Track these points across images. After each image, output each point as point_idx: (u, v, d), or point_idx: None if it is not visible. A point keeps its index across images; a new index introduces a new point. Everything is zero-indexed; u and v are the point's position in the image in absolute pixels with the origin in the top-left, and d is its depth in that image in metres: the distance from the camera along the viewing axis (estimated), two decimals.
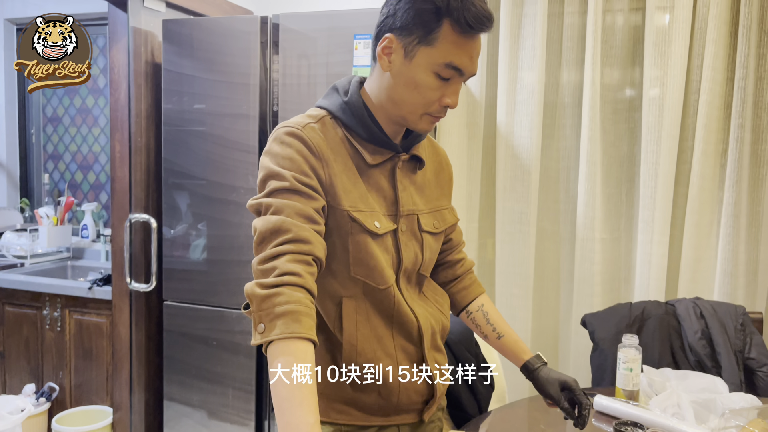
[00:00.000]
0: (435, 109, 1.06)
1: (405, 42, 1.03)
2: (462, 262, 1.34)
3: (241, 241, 2.27)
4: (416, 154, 1.17)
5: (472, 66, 1.05)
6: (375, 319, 1.11)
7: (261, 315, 0.92)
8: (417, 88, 1.04)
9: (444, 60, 1.02)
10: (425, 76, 1.03)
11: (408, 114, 1.07)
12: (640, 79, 2.33)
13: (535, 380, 1.25)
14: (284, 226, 0.97)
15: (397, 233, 1.12)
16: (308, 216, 1.00)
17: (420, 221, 1.16)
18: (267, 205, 1.00)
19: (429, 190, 1.21)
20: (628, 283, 2.42)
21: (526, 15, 2.39)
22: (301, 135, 1.04)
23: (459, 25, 1.00)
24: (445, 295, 1.27)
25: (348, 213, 1.06)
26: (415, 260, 1.16)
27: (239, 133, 2.25)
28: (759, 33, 2.15)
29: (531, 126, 2.39)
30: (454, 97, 1.06)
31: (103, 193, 3.42)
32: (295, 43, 2.18)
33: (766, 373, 1.83)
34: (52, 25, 1.25)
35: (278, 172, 1.02)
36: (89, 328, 2.72)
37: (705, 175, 2.24)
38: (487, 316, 1.31)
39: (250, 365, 2.29)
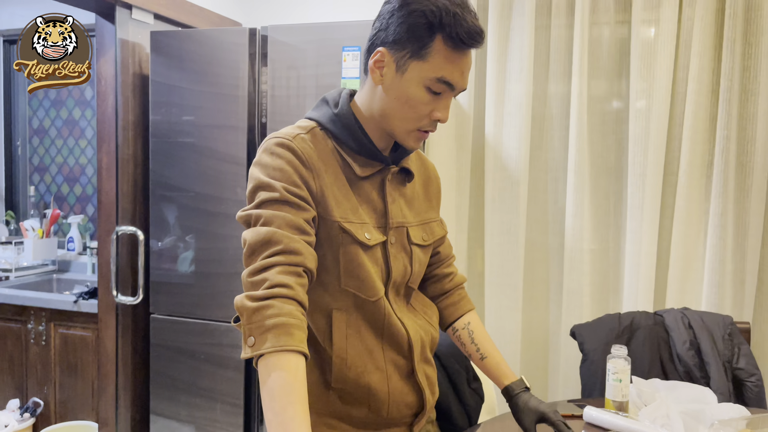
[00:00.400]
0: (425, 123, 1.07)
1: (397, 56, 1.03)
2: (451, 276, 1.34)
3: (230, 253, 2.25)
4: (405, 166, 1.17)
5: (463, 81, 1.06)
6: (365, 332, 1.10)
7: (251, 328, 0.91)
8: (408, 102, 1.04)
9: (436, 74, 1.02)
10: (417, 90, 1.03)
11: (398, 128, 1.08)
12: (626, 91, 2.35)
13: (514, 407, 1.23)
14: (275, 237, 0.97)
15: (386, 245, 1.12)
16: (299, 227, 0.99)
17: (409, 233, 1.16)
18: (257, 216, 1.00)
19: (418, 203, 1.21)
20: (616, 294, 2.42)
21: (513, 28, 2.41)
22: (291, 146, 1.04)
23: (451, 40, 1.00)
24: (434, 307, 1.27)
25: (339, 224, 1.05)
26: (405, 273, 1.15)
27: (228, 144, 2.24)
28: (743, 45, 2.18)
29: (519, 137, 2.40)
30: (444, 111, 1.06)
31: (90, 205, 3.39)
32: (283, 54, 2.18)
33: (754, 383, 1.83)
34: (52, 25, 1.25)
35: (268, 183, 1.01)
36: (75, 342, 2.68)
37: (692, 186, 2.26)
38: (472, 335, 1.30)
39: (239, 379, 2.27)
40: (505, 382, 1.24)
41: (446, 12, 0.99)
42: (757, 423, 1.42)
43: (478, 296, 2.57)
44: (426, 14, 1.00)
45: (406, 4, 1.02)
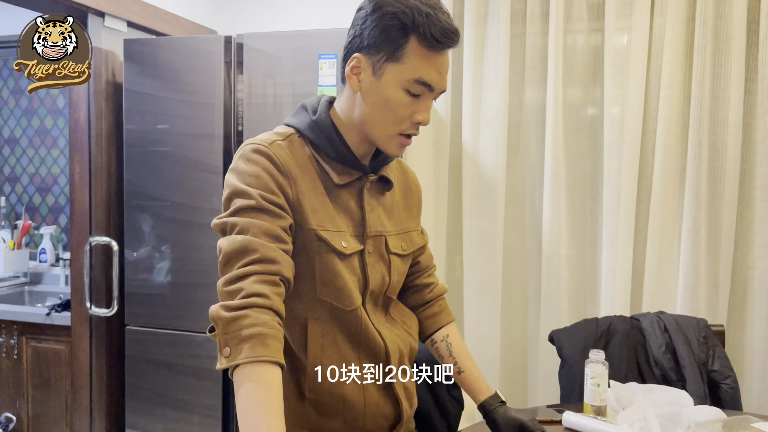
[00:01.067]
0: (406, 127, 1.06)
1: (373, 60, 1.03)
2: (431, 287, 1.32)
3: (206, 263, 2.23)
4: (385, 175, 1.16)
5: (442, 81, 1.05)
6: (341, 342, 1.09)
7: (227, 338, 0.90)
8: (387, 105, 1.03)
9: (413, 75, 1.02)
10: (395, 92, 1.03)
11: (379, 134, 1.06)
12: (601, 97, 2.38)
13: (491, 422, 1.22)
14: (251, 246, 0.95)
15: (363, 254, 1.10)
16: (275, 235, 0.98)
17: (388, 243, 1.15)
18: (232, 224, 0.98)
19: (397, 212, 1.19)
20: (594, 298, 2.44)
21: (489, 35, 2.43)
22: (268, 152, 1.03)
23: (426, 39, 1.00)
24: (413, 317, 1.26)
25: (315, 232, 1.04)
26: (382, 282, 1.14)
27: (203, 153, 2.22)
28: (714, 53, 2.22)
29: (496, 144, 2.42)
30: (425, 113, 1.06)
31: (63, 216, 3.33)
32: (259, 62, 2.17)
33: (729, 385, 1.85)
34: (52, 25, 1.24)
35: (244, 190, 1.00)
36: (47, 355, 2.62)
37: (665, 191, 2.29)
38: (450, 348, 1.28)
39: (216, 391, 2.24)
40: (481, 397, 1.23)
41: (419, 12, 0.99)
42: (732, 425, 1.43)
43: (457, 302, 2.57)
44: (398, 16, 1.00)
45: (378, 8, 1.02)
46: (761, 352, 2.22)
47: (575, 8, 2.37)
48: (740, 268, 2.28)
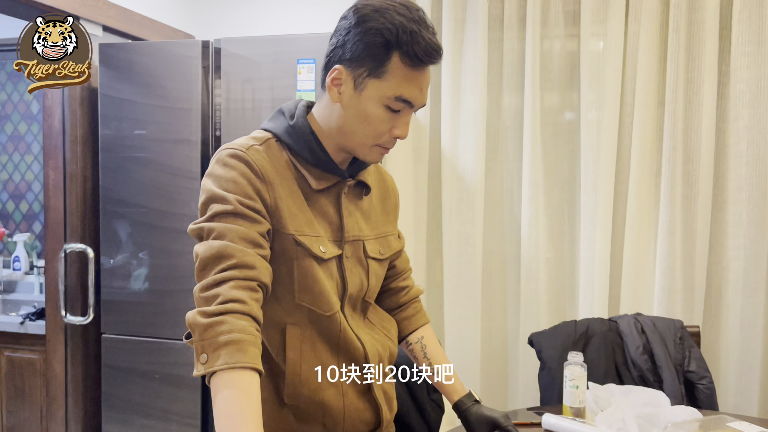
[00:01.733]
0: (385, 140, 1.06)
1: (354, 74, 1.02)
2: (407, 290, 1.32)
3: (184, 270, 2.20)
4: (362, 179, 1.16)
5: (422, 98, 1.05)
6: (320, 347, 1.08)
7: (203, 345, 0.89)
8: (367, 120, 1.03)
9: (394, 93, 1.01)
10: (375, 108, 1.02)
11: (358, 145, 1.07)
12: (577, 102, 2.41)
13: (465, 421, 1.22)
14: (227, 251, 0.94)
15: (341, 259, 1.10)
16: (253, 240, 0.97)
17: (366, 247, 1.14)
18: (209, 229, 0.97)
19: (375, 216, 1.19)
20: (572, 301, 2.47)
21: (467, 41, 2.45)
22: (245, 157, 1.02)
23: (409, 58, 0.99)
24: (393, 321, 1.26)
25: (293, 237, 1.04)
26: (361, 287, 1.14)
27: (181, 159, 2.20)
28: (687, 59, 2.26)
29: (475, 149, 2.43)
30: (404, 128, 1.06)
31: (37, 223, 3.27)
32: (237, 67, 2.15)
33: (705, 386, 1.88)
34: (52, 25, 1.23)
35: (221, 195, 0.99)
36: (21, 365, 2.57)
37: (641, 195, 2.32)
38: (424, 350, 1.28)
39: (195, 398, 2.21)
40: (455, 397, 1.24)
41: (403, 30, 0.98)
42: (708, 425, 1.45)
43: (437, 306, 2.58)
44: (383, 32, 0.99)
45: (362, 22, 1.00)
46: (736, 352, 2.26)
47: (552, 14, 2.40)
48: (715, 270, 2.32)
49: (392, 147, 1.09)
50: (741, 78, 2.22)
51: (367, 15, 1.01)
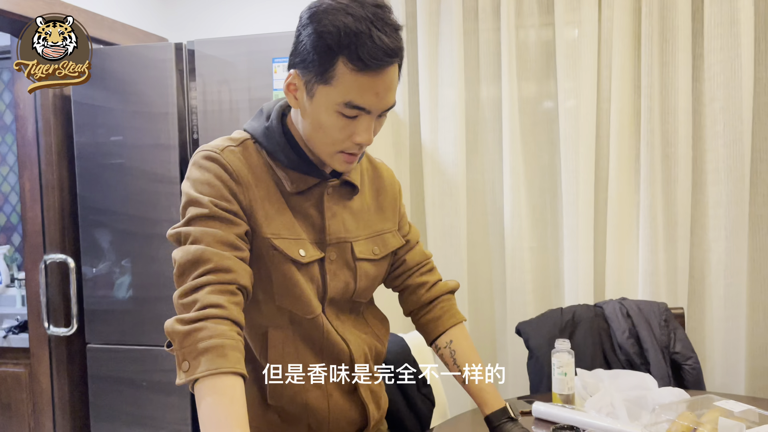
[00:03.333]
0: (347, 146, 1.00)
1: (306, 79, 0.97)
2: (427, 285, 1.25)
3: (168, 276, 2.18)
4: (348, 179, 1.11)
5: (380, 102, 0.96)
6: (303, 349, 1.07)
7: (184, 352, 0.88)
8: (322, 128, 0.98)
9: (342, 99, 0.94)
10: (327, 116, 0.97)
11: (320, 152, 1.02)
12: (555, 91, 2.41)
13: None
14: (204, 255, 0.93)
15: (324, 262, 1.07)
16: (230, 243, 0.96)
17: (354, 249, 1.11)
18: (186, 234, 0.96)
19: (367, 215, 1.15)
20: (558, 289, 2.48)
21: (442, 33, 2.44)
22: (218, 158, 1.01)
23: (353, 62, 0.91)
24: (385, 320, 1.23)
25: (269, 241, 1.02)
26: (345, 289, 1.11)
27: (159, 164, 2.17)
28: (660, 43, 2.27)
29: (455, 141, 2.43)
30: (364, 134, 0.98)
31: (16, 234, 3.23)
32: (212, 69, 2.13)
33: (691, 366, 1.90)
34: (52, 25, 1.22)
35: (196, 199, 0.98)
36: (6, 379, 2.53)
37: (621, 180, 2.33)
38: (453, 356, 1.19)
39: (184, 405, 2.19)
40: (487, 411, 1.14)
41: (346, 33, 0.90)
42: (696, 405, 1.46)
43: None
44: (324, 36, 0.92)
45: (310, 23, 0.94)
46: (721, 332, 2.28)
47: (525, 3, 2.40)
48: (697, 252, 2.34)
49: (359, 153, 1.02)
50: (715, 60, 2.24)
51: (315, 16, 0.94)
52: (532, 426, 1.50)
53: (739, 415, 1.30)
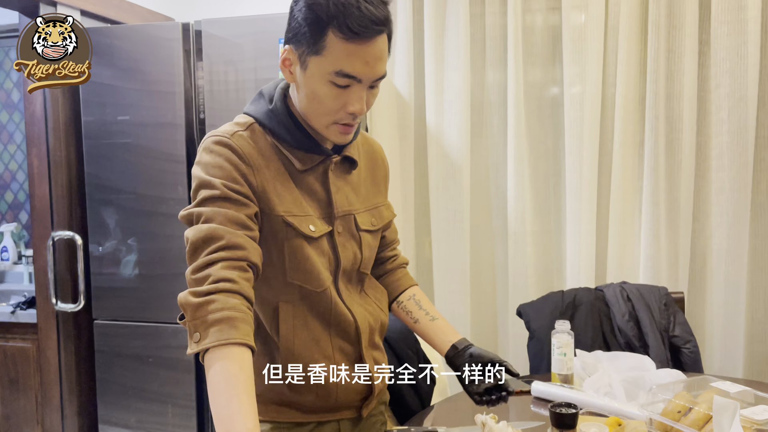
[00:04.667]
0: (341, 117, 1.03)
1: (299, 53, 1.01)
2: (394, 258, 1.35)
3: (174, 253, 2.21)
4: (348, 155, 1.16)
5: (370, 71, 1.00)
6: (312, 322, 1.11)
7: (196, 323, 0.91)
8: (316, 98, 1.02)
9: (333, 68, 0.98)
10: (320, 86, 1.00)
11: (316, 124, 1.06)
12: (560, 76, 2.42)
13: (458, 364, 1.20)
14: (216, 233, 0.96)
15: (333, 235, 1.12)
16: (241, 222, 0.99)
17: (357, 220, 1.16)
18: (198, 214, 1.00)
19: (365, 189, 1.21)
20: (560, 273, 2.50)
21: (449, 16, 2.44)
22: (229, 143, 1.04)
23: (342, 31, 0.95)
24: (384, 292, 1.28)
25: (282, 218, 1.06)
26: (354, 260, 1.16)
27: (166, 142, 2.19)
28: (668, 28, 2.27)
29: (460, 125, 2.44)
30: (357, 104, 1.02)
31: (23, 212, 3.25)
32: (219, 49, 2.14)
33: (690, 350, 1.92)
34: (52, 25, 1.23)
35: (208, 181, 1.01)
36: (14, 354, 2.57)
37: (625, 166, 2.34)
38: (419, 303, 1.29)
39: (189, 380, 2.23)
40: (453, 339, 1.23)
41: (335, 3, 0.95)
42: (692, 385, 1.49)
43: (427, 282, 2.60)
44: (314, 8, 0.96)
45: (294, 4, 1.01)
46: (720, 316, 2.30)
47: None
48: (699, 237, 2.36)
49: (354, 124, 1.06)
50: (721, 46, 2.23)
51: None
52: (531, 405, 1.53)
53: (734, 395, 1.33)
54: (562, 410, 1.10)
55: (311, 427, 1.15)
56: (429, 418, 1.48)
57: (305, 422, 1.14)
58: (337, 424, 1.17)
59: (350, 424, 1.19)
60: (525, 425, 1.35)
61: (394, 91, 2.52)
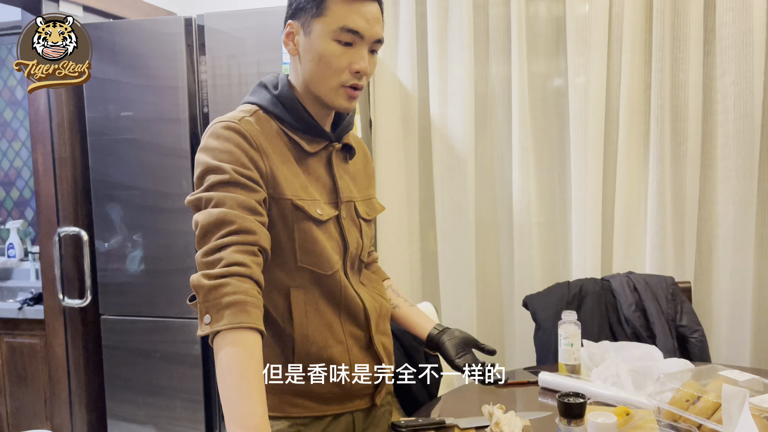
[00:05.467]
0: (347, 78, 1.08)
1: (302, 21, 1.08)
2: (370, 253, 1.36)
3: (179, 248, 2.21)
4: (348, 143, 1.20)
5: (370, 29, 1.07)
6: (324, 306, 1.12)
7: (207, 306, 0.92)
8: (322, 59, 1.07)
9: (338, 24, 1.05)
10: (326, 45, 1.06)
11: (324, 89, 1.09)
12: (564, 66, 2.40)
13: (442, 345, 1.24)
14: (228, 217, 0.97)
15: (339, 219, 1.14)
16: (251, 207, 1.00)
17: (357, 208, 1.19)
18: (207, 198, 1.00)
19: (360, 179, 1.24)
20: (566, 264, 2.49)
21: (452, 7, 2.43)
22: (238, 128, 1.05)
23: None
24: (380, 281, 1.30)
25: (292, 201, 1.07)
26: (358, 245, 1.18)
27: (170, 138, 2.19)
28: (672, 16, 2.26)
29: (464, 117, 2.43)
30: (361, 62, 1.07)
31: (29, 209, 3.27)
32: (222, 43, 2.14)
33: (697, 339, 1.92)
34: (52, 25, 1.24)
35: (217, 166, 1.01)
36: (22, 350, 2.59)
37: (631, 155, 2.33)
38: (397, 292, 1.35)
39: (197, 374, 2.24)
40: (428, 326, 1.28)
41: None
42: (701, 374, 1.49)
43: (432, 275, 2.60)
44: None
45: None
46: (727, 305, 2.30)
47: None
48: (705, 226, 2.35)
49: (359, 85, 1.10)
50: (726, 34, 2.22)
51: None
52: (538, 395, 1.53)
53: (743, 384, 1.32)
54: (570, 400, 1.09)
55: (328, 421, 1.15)
56: (436, 409, 1.49)
57: (322, 416, 1.14)
58: (351, 416, 1.18)
59: (363, 416, 1.20)
60: (532, 415, 1.35)
61: (397, 83, 2.51)
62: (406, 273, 2.55)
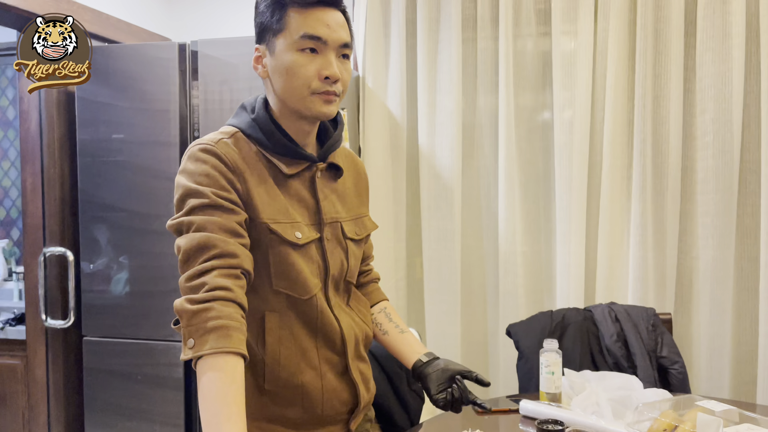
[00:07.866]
0: (317, 85, 1.07)
1: (267, 42, 1.10)
2: (367, 273, 1.37)
3: (165, 271, 2.21)
4: (334, 162, 1.19)
5: (332, 33, 1.07)
6: (299, 331, 1.11)
7: (191, 330, 0.92)
8: (289, 71, 1.07)
9: (297, 34, 1.06)
10: (291, 57, 1.06)
11: (297, 101, 1.09)
12: (550, 100, 2.46)
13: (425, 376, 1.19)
14: (210, 241, 0.98)
15: (322, 241, 1.13)
16: (232, 230, 1.01)
17: (343, 228, 1.18)
18: (189, 222, 1.00)
19: (349, 198, 1.23)
20: (550, 293, 2.52)
21: (441, 40, 2.49)
22: (215, 151, 1.05)
23: (299, 4, 1.06)
24: (368, 305, 1.29)
25: (267, 225, 1.07)
26: (342, 267, 1.17)
27: (160, 161, 2.21)
28: (654, 54, 2.33)
29: (451, 147, 2.48)
30: (330, 67, 1.07)
31: (15, 229, 3.25)
32: (215, 69, 2.17)
33: (678, 371, 1.94)
34: (52, 25, 1.24)
35: (197, 190, 1.02)
36: (2, 371, 2.56)
37: (614, 188, 2.38)
38: (390, 316, 1.32)
39: (178, 398, 2.22)
40: (421, 351, 1.24)
41: None
42: (679, 404, 1.50)
43: (418, 302, 2.61)
44: None
45: (257, 4, 1.13)
46: (707, 337, 2.32)
47: (523, 13, 2.45)
48: (685, 259, 2.39)
49: (333, 92, 1.09)
50: (706, 73, 2.29)
51: None
52: (519, 423, 1.54)
53: (720, 414, 1.34)
54: (549, 427, 1.11)
55: None
56: None
57: None
58: None
59: None
60: None
61: (387, 112, 2.56)
62: (392, 300, 2.54)
